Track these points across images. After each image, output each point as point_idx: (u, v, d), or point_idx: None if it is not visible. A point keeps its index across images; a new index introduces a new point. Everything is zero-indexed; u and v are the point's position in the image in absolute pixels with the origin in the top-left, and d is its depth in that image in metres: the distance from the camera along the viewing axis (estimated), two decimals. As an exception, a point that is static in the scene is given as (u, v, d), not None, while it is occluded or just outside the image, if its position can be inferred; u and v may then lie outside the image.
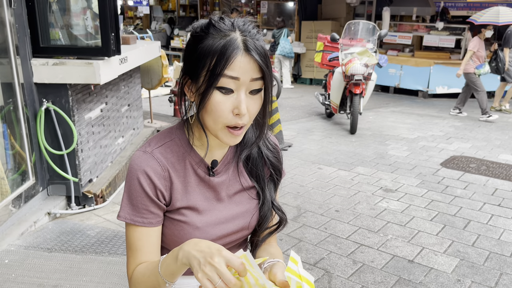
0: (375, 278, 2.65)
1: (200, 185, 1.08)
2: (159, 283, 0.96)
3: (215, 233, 1.08)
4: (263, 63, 0.95)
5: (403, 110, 7.72)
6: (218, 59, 0.93)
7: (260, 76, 0.96)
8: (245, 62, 0.94)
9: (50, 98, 3.12)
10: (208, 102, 0.96)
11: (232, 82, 0.94)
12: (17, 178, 3.02)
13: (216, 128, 0.99)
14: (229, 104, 0.96)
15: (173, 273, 0.93)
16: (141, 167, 1.02)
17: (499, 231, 3.27)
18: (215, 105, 0.96)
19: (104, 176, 3.72)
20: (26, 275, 2.52)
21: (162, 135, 1.08)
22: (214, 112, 0.96)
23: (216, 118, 0.97)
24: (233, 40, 0.94)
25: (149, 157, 1.03)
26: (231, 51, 0.93)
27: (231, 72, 0.93)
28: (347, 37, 6.44)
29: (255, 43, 0.95)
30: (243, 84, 0.95)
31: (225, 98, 0.95)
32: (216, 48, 0.94)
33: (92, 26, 3.35)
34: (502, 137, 5.98)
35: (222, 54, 0.93)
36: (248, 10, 12.54)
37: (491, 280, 2.64)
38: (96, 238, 2.98)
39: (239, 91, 0.95)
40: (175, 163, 1.06)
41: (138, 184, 1.01)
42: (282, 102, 7.85)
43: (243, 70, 0.94)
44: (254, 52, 0.94)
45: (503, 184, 4.21)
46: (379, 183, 4.19)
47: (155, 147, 1.05)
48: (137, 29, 12.51)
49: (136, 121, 4.83)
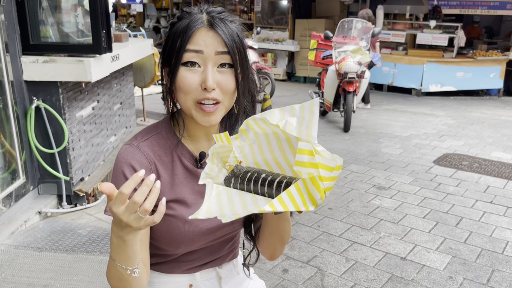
0: (367, 275, 2.65)
1: (188, 178, 1.07)
2: (121, 273, 0.92)
3: (205, 226, 1.06)
4: (228, 36, 0.96)
5: (397, 108, 7.74)
6: (183, 37, 0.95)
7: (226, 51, 0.96)
8: (208, 36, 0.95)
9: (41, 96, 3.09)
10: (176, 80, 0.97)
11: (196, 56, 0.95)
12: (7, 177, 2.98)
13: (188, 105, 0.99)
14: (196, 78, 0.96)
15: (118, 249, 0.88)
16: (126, 160, 1.01)
17: (491, 228, 3.28)
18: (182, 81, 0.96)
19: (96, 175, 3.69)
20: (16, 275, 2.50)
21: (149, 129, 1.08)
22: (182, 88, 0.97)
23: (186, 94, 0.97)
24: (197, 17, 0.97)
25: (135, 150, 1.02)
26: (193, 26, 0.95)
27: (193, 46, 0.95)
28: (340, 35, 6.44)
29: (221, 20, 0.97)
30: (209, 58, 0.95)
31: (192, 73, 0.96)
32: (180, 28, 0.96)
33: (83, 23, 3.32)
34: (494, 134, 6.01)
35: (185, 31, 0.95)
36: (242, 8, 12.51)
37: (483, 277, 2.65)
38: (87, 237, 2.96)
39: (206, 65, 0.96)
40: (162, 155, 1.05)
41: (123, 176, 1.00)
42: (276, 100, 7.84)
43: (206, 43, 0.95)
44: (217, 26, 0.96)
45: (495, 182, 4.23)
46: (372, 181, 4.20)
47: (141, 140, 1.04)
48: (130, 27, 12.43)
49: (129, 119, 4.80)
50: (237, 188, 0.87)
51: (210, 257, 1.15)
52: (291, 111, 0.83)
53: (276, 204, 0.75)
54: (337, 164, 0.76)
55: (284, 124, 0.83)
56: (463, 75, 8.66)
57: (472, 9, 9.09)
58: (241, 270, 1.26)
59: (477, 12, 9.19)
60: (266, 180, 0.83)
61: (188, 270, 1.13)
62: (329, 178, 0.76)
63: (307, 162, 0.76)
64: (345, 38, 6.36)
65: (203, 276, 1.15)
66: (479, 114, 7.30)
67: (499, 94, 9.02)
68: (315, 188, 0.75)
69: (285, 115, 0.83)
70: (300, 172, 0.77)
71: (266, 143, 0.87)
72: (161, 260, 1.12)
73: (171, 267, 1.12)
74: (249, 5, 11.82)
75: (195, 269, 1.14)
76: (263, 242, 1.18)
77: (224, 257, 1.18)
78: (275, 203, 0.75)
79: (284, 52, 10.33)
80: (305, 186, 0.75)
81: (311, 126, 0.80)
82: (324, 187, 0.75)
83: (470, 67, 8.62)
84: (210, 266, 1.16)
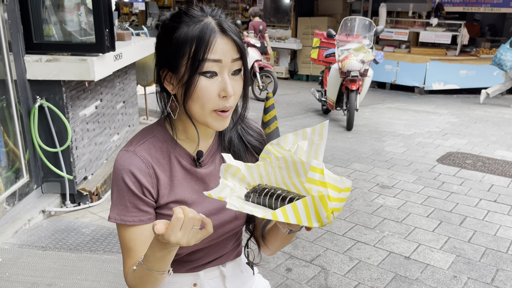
0: (371, 274, 2.65)
1: (188, 178, 1.07)
2: (155, 277, 0.95)
3: None
4: (240, 41, 0.97)
5: (400, 106, 7.72)
6: (199, 45, 0.93)
7: (239, 56, 0.97)
8: (224, 43, 0.95)
9: (44, 95, 3.09)
10: (194, 90, 0.95)
11: (215, 65, 0.95)
12: (11, 176, 2.99)
13: (204, 114, 0.98)
14: (215, 87, 0.96)
15: (160, 261, 0.92)
16: (124, 167, 1.00)
17: (495, 227, 3.27)
18: (202, 91, 0.95)
19: (99, 174, 3.70)
20: (20, 274, 2.50)
21: (143, 133, 1.07)
22: (201, 98, 0.96)
23: (204, 104, 0.96)
24: (208, 24, 0.95)
25: (132, 155, 1.02)
26: (209, 34, 0.93)
27: (213, 56, 0.94)
28: (343, 33, 6.42)
29: (229, 24, 0.97)
30: (226, 66, 0.96)
31: (210, 83, 0.95)
32: (193, 35, 0.94)
33: (86, 22, 3.31)
34: (498, 133, 5.98)
35: (201, 39, 0.93)
36: (245, 6, 12.49)
37: (487, 276, 2.64)
38: (91, 236, 2.96)
39: (222, 73, 0.96)
40: (160, 158, 1.04)
41: (123, 183, 1.00)
42: (279, 99, 7.83)
43: (224, 51, 0.94)
44: (230, 32, 0.95)
45: (499, 180, 4.22)
46: (375, 180, 4.19)
47: (137, 145, 1.04)
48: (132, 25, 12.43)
49: (132, 118, 4.81)
50: (254, 202, 0.91)
51: (214, 255, 1.15)
52: (303, 135, 0.89)
53: (278, 214, 0.78)
54: (346, 186, 0.78)
55: (296, 149, 0.88)
56: (467, 73, 8.63)
57: (476, 6, 9.04)
58: (245, 269, 1.26)
59: (480, 9, 9.14)
60: (280, 196, 0.86)
61: (192, 269, 1.14)
62: (337, 199, 0.78)
63: (318, 181, 0.78)
64: (348, 36, 6.34)
65: (207, 274, 1.15)
66: (482, 112, 7.28)
67: (502, 92, 8.98)
68: (323, 206, 0.77)
69: (298, 139, 0.90)
70: (310, 189, 0.79)
71: (285, 166, 0.92)
72: None
73: (175, 267, 1.12)
74: (252, 3, 11.80)
75: (199, 267, 1.14)
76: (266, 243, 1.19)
77: (228, 255, 1.19)
78: (277, 213, 0.78)
79: (286, 50, 10.31)
80: (313, 203, 0.77)
81: (318, 152, 0.87)
82: (332, 207, 0.77)
83: (474, 65, 8.58)
84: (214, 264, 1.16)
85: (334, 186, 0.78)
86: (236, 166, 0.94)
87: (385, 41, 9.65)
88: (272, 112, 5.05)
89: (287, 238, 1.13)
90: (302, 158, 0.87)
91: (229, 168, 0.94)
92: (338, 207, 0.78)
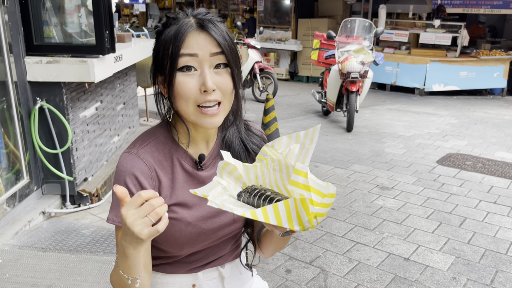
0: (371, 276, 2.65)
1: (189, 181, 1.07)
2: (124, 282, 0.94)
3: (207, 227, 1.08)
4: (220, 36, 0.96)
5: (400, 107, 7.72)
6: (174, 42, 0.95)
7: (221, 51, 0.97)
8: (200, 38, 0.96)
9: (44, 96, 3.10)
10: (174, 87, 0.97)
11: (191, 59, 0.95)
12: (11, 177, 2.99)
13: (189, 111, 0.99)
14: (195, 82, 0.96)
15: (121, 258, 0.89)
16: (127, 169, 1.01)
17: (494, 229, 3.27)
18: (181, 86, 0.96)
19: (100, 175, 3.70)
20: (20, 275, 2.50)
21: (146, 135, 1.08)
22: (181, 94, 0.97)
23: (187, 99, 0.97)
24: (186, 22, 0.97)
25: (135, 157, 1.02)
26: (184, 30, 0.95)
27: (187, 50, 0.95)
28: (343, 34, 6.43)
29: (210, 21, 0.97)
30: (204, 60, 0.96)
31: (189, 78, 0.96)
32: (171, 34, 0.96)
33: (86, 24, 3.32)
34: (497, 134, 5.99)
35: (176, 36, 0.95)
36: (245, 7, 12.51)
37: (487, 278, 2.64)
38: (91, 237, 2.96)
39: (202, 67, 0.96)
40: (162, 160, 1.05)
41: (125, 186, 1.00)
42: (279, 100, 7.84)
43: (199, 45, 0.95)
44: (208, 28, 0.96)
45: (499, 182, 4.22)
46: (375, 181, 4.19)
47: (140, 147, 1.04)
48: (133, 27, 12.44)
49: (132, 119, 4.81)
50: (244, 202, 0.90)
51: (213, 256, 1.16)
52: (297, 138, 0.90)
53: (258, 214, 0.78)
54: (330, 191, 0.78)
55: (288, 152, 0.89)
56: (467, 75, 8.64)
57: (476, 8, 9.06)
58: (243, 270, 1.26)
59: (480, 11, 9.16)
60: (268, 197, 0.86)
61: (191, 270, 1.14)
62: (320, 204, 0.78)
63: (301, 184, 0.78)
64: (348, 38, 6.35)
65: (205, 275, 1.16)
66: (482, 113, 7.28)
67: (502, 94, 9.00)
68: (304, 210, 0.77)
69: (291, 142, 0.90)
70: (292, 191, 0.80)
71: (278, 169, 0.92)
72: (164, 261, 1.13)
73: (174, 268, 1.13)
74: (252, 5, 11.82)
75: (198, 268, 1.15)
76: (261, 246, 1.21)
77: (227, 256, 1.19)
78: (257, 213, 0.78)
79: (286, 51, 10.33)
80: (295, 206, 0.77)
81: (306, 156, 0.87)
82: (315, 212, 0.77)
83: (474, 67, 8.59)
84: (213, 265, 1.17)
85: (317, 191, 0.78)
86: (233, 164, 0.94)
87: (385, 42, 9.66)
88: (272, 114, 5.06)
89: (281, 241, 1.14)
90: (291, 161, 0.87)
91: (227, 166, 0.94)
92: (322, 212, 0.78)
